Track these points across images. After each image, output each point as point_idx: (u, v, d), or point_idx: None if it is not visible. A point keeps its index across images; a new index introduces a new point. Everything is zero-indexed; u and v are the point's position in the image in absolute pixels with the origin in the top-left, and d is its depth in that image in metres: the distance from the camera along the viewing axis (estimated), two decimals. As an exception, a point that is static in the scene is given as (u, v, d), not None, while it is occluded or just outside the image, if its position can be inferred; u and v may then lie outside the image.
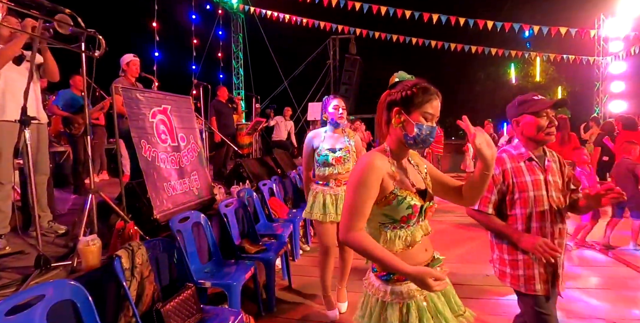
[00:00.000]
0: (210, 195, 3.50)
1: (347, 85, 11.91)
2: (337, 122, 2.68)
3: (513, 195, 1.64)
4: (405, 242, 1.24)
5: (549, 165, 1.69)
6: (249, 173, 4.82)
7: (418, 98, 1.19)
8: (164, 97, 3.31)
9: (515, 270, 1.64)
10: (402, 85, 1.25)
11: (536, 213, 1.62)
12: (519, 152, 1.69)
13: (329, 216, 2.66)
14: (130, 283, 1.72)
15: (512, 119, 1.74)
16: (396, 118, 1.22)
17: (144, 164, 2.76)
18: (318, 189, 2.73)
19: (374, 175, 1.18)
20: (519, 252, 1.62)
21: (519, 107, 1.71)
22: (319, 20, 9.32)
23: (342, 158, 2.66)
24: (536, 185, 1.63)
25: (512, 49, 10.37)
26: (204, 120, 5.13)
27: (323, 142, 2.68)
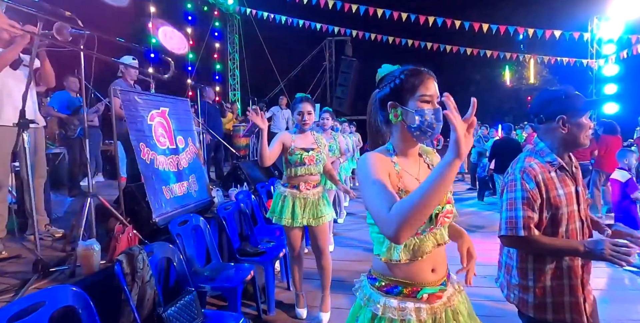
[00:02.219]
0: (209, 197, 3.49)
1: (343, 86, 11.96)
2: (301, 127, 2.63)
3: (546, 213, 1.41)
4: (410, 251, 1.07)
5: (578, 174, 1.50)
6: (247, 176, 4.81)
7: (408, 83, 1.08)
8: (162, 100, 3.30)
9: (541, 298, 1.43)
10: (389, 76, 1.14)
11: (569, 231, 1.42)
12: (548, 159, 1.45)
13: (296, 221, 2.60)
14: (132, 288, 1.71)
15: (557, 116, 1.45)
16: (393, 112, 1.10)
17: (142, 167, 2.75)
18: (287, 192, 2.65)
19: (380, 165, 1.05)
20: (546, 278, 1.42)
21: (567, 100, 1.45)
22: (315, 22, 9.34)
23: (314, 157, 2.63)
24: (569, 199, 1.42)
25: (507, 51, 10.47)
26: (201, 122, 5.11)
27: (295, 142, 2.62)
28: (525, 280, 1.46)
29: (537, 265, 1.44)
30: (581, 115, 1.43)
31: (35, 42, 2.26)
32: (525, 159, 1.48)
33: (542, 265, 1.43)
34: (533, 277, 1.44)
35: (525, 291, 1.46)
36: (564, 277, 1.42)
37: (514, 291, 1.50)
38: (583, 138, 1.44)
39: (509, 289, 1.53)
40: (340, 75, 11.94)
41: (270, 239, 3.38)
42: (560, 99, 1.45)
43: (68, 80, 4.66)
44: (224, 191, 4.10)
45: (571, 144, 1.46)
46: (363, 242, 4.55)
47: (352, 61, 11.78)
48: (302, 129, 2.65)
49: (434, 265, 1.12)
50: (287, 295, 3.10)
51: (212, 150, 6.11)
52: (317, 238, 2.71)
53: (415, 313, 1.06)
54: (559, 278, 1.42)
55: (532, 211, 1.38)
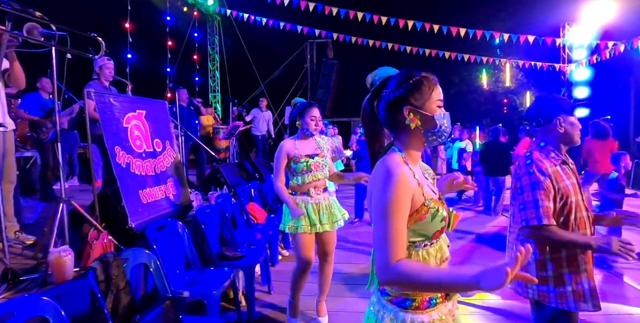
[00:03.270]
0: (187, 201, 3.44)
1: (325, 89, 11.97)
2: (312, 132, 2.59)
3: (559, 203, 1.53)
4: (436, 259, 1.08)
5: (574, 168, 1.66)
6: (227, 179, 4.77)
7: (425, 87, 1.07)
8: (138, 102, 3.24)
9: (561, 287, 1.52)
10: (396, 80, 1.10)
11: (578, 219, 1.55)
12: (552, 155, 1.61)
13: (315, 227, 2.54)
14: (106, 295, 1.67)
15: (554, 118, 1.61)
16: (411, 117, 1.07)
17: (118, 171, 2.69)
18: (298, 200, 2.57)
19: (405, 190, 0.99)
20: (563, 266, 1.52)
21: (561, 104, 1.63)
22: (296, 24, 9.34)
23: (320, 163, 2.60)
24: (575, 189, 1.56)
25: (484, 55, 10.74)
26: (180, 124, 5.04)
27: (298, 150, 2.57)
28: (543, 272, 1.54)
29: (553, 255, 1.54)
30: (571, 115, 1.62)
31: (4, 42, 2.19)
32: (533, 156, 1.61)
33: (558, 255, 1.53)
34: (552, 267, 1.53)
35: (545, 283, 1.54)
36: (580, 264, 1.52)
37: (532, 286, 1.57)
38: (576, 136, 1.63)
39: (526, 286, 1.60)
40: (321, 78, 11.95)
41: (250, 243, 3.36)
42: (554, 103, 1.65)
43: (42, 82, 4.52)
44: (204, 194, 4.05)
45: (568, 142, 1.63)
46: (358, 244, 4.58)
47: (333, 63, 11.81)
48: (310, 134, 2.60)
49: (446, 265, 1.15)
50: (268, 299, 3.09)
51: (190, 153, 6.02)
52: (327, 243, 2.67)
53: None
54: (576, 266, 1.52)
55: (549, 201, 1.49)
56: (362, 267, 3.79)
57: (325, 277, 2.74)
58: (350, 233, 5.05)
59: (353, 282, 3.42)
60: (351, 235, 4.96)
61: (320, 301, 2.76)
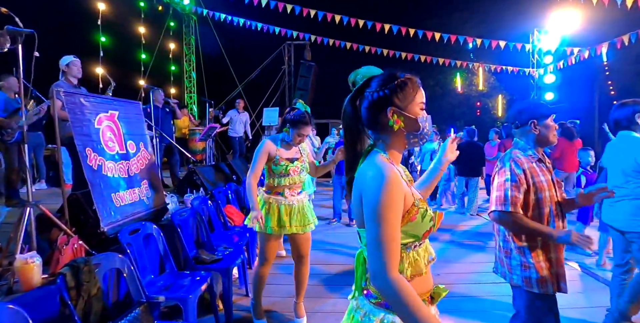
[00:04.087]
0: (162, 204, 3.36)
1: (303, 91, 11.97)
2: (294, 144, 2.59)
3: (532, 196, 1.70)
4: (425, 260, 1.09)
5: (549, 167, 1.82)
6: (203, 181, 4.70)
7: (409, 89, 1.07)
8: (111, 102, 3.15)
9: (541, 271, 1.67)
10: (380, 80, 1.08)
11: (551, 212, 1.71)
12: (529, 153, 1.78)
13: (284, 229, 2.54)
14: (77, 302, 1.61)
15: (529, 120, 1.79)
16: (395, 119, 1.06)
17: (89, 173, 2.60)
18: (271, 199, 2.58)
19: (398, 192, 0.98)
20: (540, 252, 1.69)
21: (537, 108, 1.80)
22: (274, 26, 9.31)
23: (299, 168, 2.62)
24: (549, 185, 1.73)
25: (458, 59, 11.00)
26: (155, 126, 4.93)
27: (279, 152, 2.57)
28: (525, 257, 1.71)
29: (530, 243, 1.71)
30: (547, 118, 1.78)
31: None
32: (512, 153, 1.79)
33: (534, 243, 1.70)
34: (530, 253, 1.70)
35: (527, 268, 1.70)
36: (551, 251, 1.70)
37: (515, 272, 1.73)
38: (552, 137, 1.79)
39: (511, 272, 1.76)
40: (299, 79, 11.95)
41: (227, 245, 3.32)
42: (529, 107, 1.83)
43: (8, 80, 4.32)
44: (179, 197, 3.97)
45: (543, 142, 1.80)
46: (335, 245, 4.59)
47: (311, 65, 11.83)
48: (293, 144, 2.60)
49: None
50: (246, 302, 3.06)
51: (164, 155, 5.89)
52: (301, 245, 2.68)
53: None
54: (549, 252, 1.70)
55: (519, 192, 1.67)
56: (340, 267, 3.80)
57: (301, 279, 2.74)
58: (328, 234, 5.07)
59: (331, 283, 3.44)
60: (329, 235, 4.98)
61: (298, 302, 2.76)
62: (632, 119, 2.37)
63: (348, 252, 4.29)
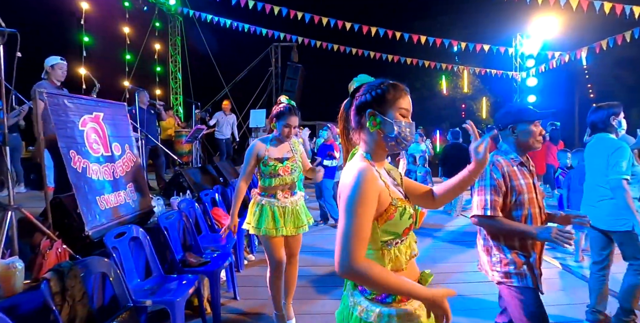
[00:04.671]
0: (149, 207, 3.32)
1: (289, 92, 11.97)
2: (283, 138, 2.56)
3: (512, 198, 1.73)
4: (407, 255, 1.14)
5: (533, 170, 1.84)
6: (190, 183, 4.65)
7: (390, 95, 1.12)
8: (95, 104, 3.10)
9: (519, 267, 1.72)
10: (368, 86, 1.16)
11: (530, 215, 1.74)
12: (511, 157, 1.80)
13: (280, 230, 2.51)
14: (62, 308, 1.58)
15: (508, 125, 1.82)
16: (372, 121, 1.12)
17: (73, 176, 2.55)
18: (264, 201, 2.55)
19: (372, 189, 1.04)
20: (518, 251, 1.73)
21: (517, 114, 1.82)
22: (261, 27, 9.29)
23: (289, 168, 2.57)
24: (529, 188, 1.76)
25: (443, 62, 11.17)
26: (140, 127, 4.86)
27: (269, 152, 2.54)
28: (504, 254, 1.76)
29: (508, 242, 1.75)
30: (528, 124, 1.79)
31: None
32: (494, 156, 1.81)
33: (512, 242, 1.75)
34: (509, 251, 1.75)
35: (506, 264, 1.74)
36: (530, 251, 1.74)
37: (496, 268, 1.77)
38: (532, 142, 1.80)
39: (492, 269, 1.79)
40: (286, 81, 11.96)
41: (215, 248, 3.30)
42: (511, 112, 1.84)
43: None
44: (166, 200, 3.92)
45: (524, 147, 1.82)
46: (324, 247, 4.59)
47: (298, 67, 11.86)
48: (283, 139, 2.56)
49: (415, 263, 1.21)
50: (234, 305, 3.04)
51: (150, 157, 5.80)
52: (292, 246, 2.66)
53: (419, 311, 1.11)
54: (527, 253, 1.74)
55: (498, 196, 1.72)
56: (328, 269, 3.81)
57: (290, 279, 2.73)
58: (316, 236, 5.08)
59: (320, 284, 3.44)
60: (317, 237, 4.98)
61: (287, 303, 2.75)
62: (607, 122, 2.46)
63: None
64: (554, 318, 2.75)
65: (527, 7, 7.76)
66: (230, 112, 8.47)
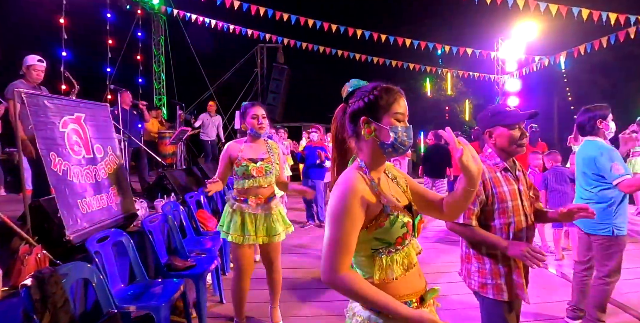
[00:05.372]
0: (132, 210, 3.25)
1: (275, 93, 11.96)
2: (257, 132, 2.49)
3: (493, 206, 1.64)
4: (403, 266, 1.09)
5: (519, 175, 1.74)
6: (174, 185, 4.58)
7: (383, 100, 1.08)
8: (76, 105, 3.02)
9: (497, 279, 1.64)
10: (360, 92, 1.12)
11: (514, 223, 1.64)
12: (494, 162, 1.71)
13: (247, 238, 2.43)
14: (42, 316, 1.53)
15: (485, 130, 1.74)
16: (366, 128, 1.08)
17: (53, 179, 2.48)
18: (235, 206, 2.48)
19: (357, 201, 1.02)
20: (499, 260, 1.64)
21: (492, 118, 1.71)
22: (247, 28, 9.23)
23: (263, 169, 2.48)
24: (513, 194, 1.66)
25: (427, 64, 11.31)
26: (123, 129, 4.77)
27: (242, 152, 2.47)
28: (483, 264, 1.68)
29: (489, 250, 1.67)
30: (506, 128, 1.68)
31: None
32: None
33: (494, 251, 1.65)
34: (488, 260, 1.67)
35: (484, 274, 1.67)
36: (511, 260, 1.64)
37: (473, 277, 1.71)
38: (511, 147, 1.68)
39: (470, 277, 1.73)
40: (272, 82, 11.92)
41: (201, 251, 3.25)
42: (487, 115, 1.75)
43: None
44: (149, 202, 3.85)
45: (504, 152, 1.71)
46: (309, 249, 4.57)
47: (284, 68, 11.83)
48: (257, 133, 2.49)
49: (419, 271, 1.16)
50: (220, 309, 3.00)
51: (132, 159, 5.69)
52: (270, 253, 2.61)
53: None
54: (508, 260, 1.64)
55: (474, 205, 1.62)
56: (315, 271, 3.80)
57: (274, 285, 2.69)
58: (302, 237, 5.06)
59: (306, 287, 3.43)
60: (303, 239, 4.97)
61: (274, 307, 2.74)
62: (594, 124, 2.47)
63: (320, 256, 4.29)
64: (533, 315, 2.81)
65: (509, 12, 7.94)
66: (216, 113, 8.40)
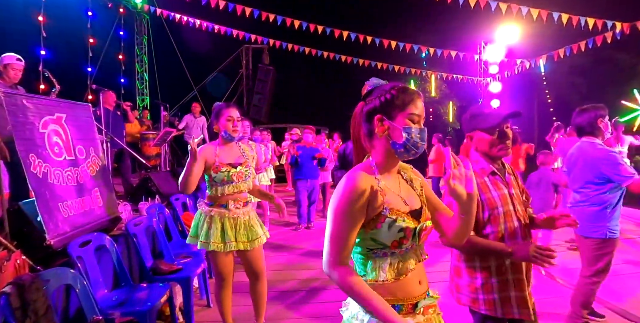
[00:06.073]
0: (116, 213, 3.17)
1: (260, 94, 11.89)
2: (230, 135, 2.38)
3: (483, 213, 1.54)
4: (395, 270, 1.08)
5: (509, 179, 1.64)
6: (159, 188, 4.49)
7: (399, 100, 1.07)
8: (57, 105, 2.93)
9: (489, 294, 1.53)
10: (378, 90, 1.11)
11: (507, 230, 1.54)
12: (480, 166, 1.60)
13: (228, 245, 2.29)
14: (23, 324, 1.47)
15: (466, 134, 1.66)
16: (379, 126, 1.08)
17: (33, 182, 2.39)
18: (213, 212, 2.33)
19: (357, 199, 1.03)
20: (492, 274, 1.53)
21: (471, 121, 1.63)
22: (232, 29, 9.15)
23: (243, 174, 2.37)
24: (503, 200, 1.56)
25: (412, 66, 11.45)
26: (105, 129, 4.65)
27: (219, 157, 2.33)
28: (473, 279, 1.57)
29: (482, 263, 1.56)
30: (487, 133, 1.58)
31: None
32: None
33: (487, 263, 1.55)
34: (480, 274, 1.56)
35: (475, 290, 1.56)
36: (508, 272, 1.53)
37: (463, 292, 1.61)
38: (491, 151, 1.58)
39: (458, 291, 1.64)
40: (257, 83, 11.85)
41: (187, 254, 3.20)
42: (467, 119, 1.66)
43: None
44: (133, 205, 3.76)
45: (487, 156, 1.61)
46: (294, 247, 4.53)
47: (269, 69, 11.78)
48: (230, 137, 2.39)
49: (419, 278, 1.14)
50: (207, 313, 2.96)
51: (115, 161, 5.56)
52: (252, 262, 2.44)
53: None
54: (504, 274, 1.53)
55: None
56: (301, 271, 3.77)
57: (258, 297, 2.52)
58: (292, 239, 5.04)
59: (292, 290, 3.39)
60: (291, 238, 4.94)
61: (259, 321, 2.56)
62: (594, 124, 2.40)
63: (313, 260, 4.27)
64: None
65: (492, 16, 8.10)
66: (200, 114, 8.29)
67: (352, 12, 19.99)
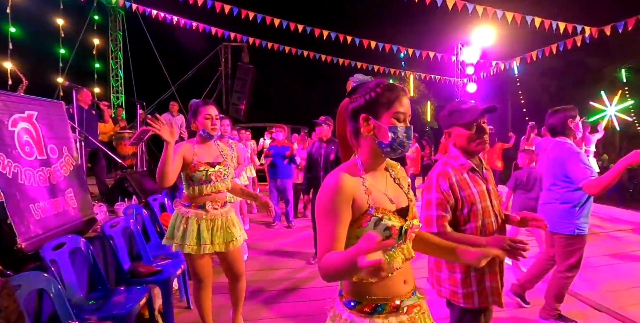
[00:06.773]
0: (91, 215, 3.07)
1: (240, 93, 11.75)
2: (209, 134, 2.32)
3: (463, 210, 1.58)
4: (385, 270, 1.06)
5: (487, 174, 1.69)
6: (136, 188, 4.37)
7: (384, 98, 1.05)
8: (28, 102, 2.80)
9: (468, 288, 1.60)
10: (363, 88, 1.09)
11: (485, 225, 1.59)
12: (460, 162, 1.63)
13: (204, 248, 2.24)
14: (-7, 332, 1.40)
15: (444, 130, 1.70)
16: (365, 126, 1.07)
17: (2, 182, 2.29)
18: (190, 213, 2.27)
19: (342, 198, 1.02)
20: (470, 268, 1.59)
21: (449, 117, 1.66)
22: (210, 26, 9.00)
23: (222, 173, 2.34)
24: (482, 196, 1.60)
25: (391, 66, 11.59)
26: (78, 128, 4.50)
27: (197, 156, 2.28)
28: (453, 273, 1.63)
29: None
30: (465, 128, 1.63)
31: None
32: (441, 164, 1.67)
33: None
34: (459, 268, 1.62)
35: (454, 283, 1.63)
36: (485, 266, 1.53)
37: (444, 285, 1.67)
38: (469, 146, 1.63)
39: (439, 284, 1.69)
40: (236, 82, 11.70)
41: (166, 256, 3.13)
42: (445, 116, 1.70)
43: None
44: (109, 206, 3.66)
45: (465, 151, 1.65)
46: (274, 249, 4.52)
47: (249, 68, 11.66)
48: (209, 136, 2.33)
49: (405, 277, 1.13)
50: (188, 315, 2.90)
51: (89, 160, 5.38)
52: (231, 263, 2.42)
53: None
54: (481, 268, 1.53)
55: (444, 211, 1.57)
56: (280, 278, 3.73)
57: (238, 293, 2.53)
58: (268, 236, 5.01)
59: (270, 288, 3.38)
60: (270, 238, 4.92)
61: (236, 314, 2.58)
62: (565, 124, 2.49)
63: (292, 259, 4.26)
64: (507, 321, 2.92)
65: (469, 18, 8.30)
66: (178, 113, 8.12)
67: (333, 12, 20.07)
